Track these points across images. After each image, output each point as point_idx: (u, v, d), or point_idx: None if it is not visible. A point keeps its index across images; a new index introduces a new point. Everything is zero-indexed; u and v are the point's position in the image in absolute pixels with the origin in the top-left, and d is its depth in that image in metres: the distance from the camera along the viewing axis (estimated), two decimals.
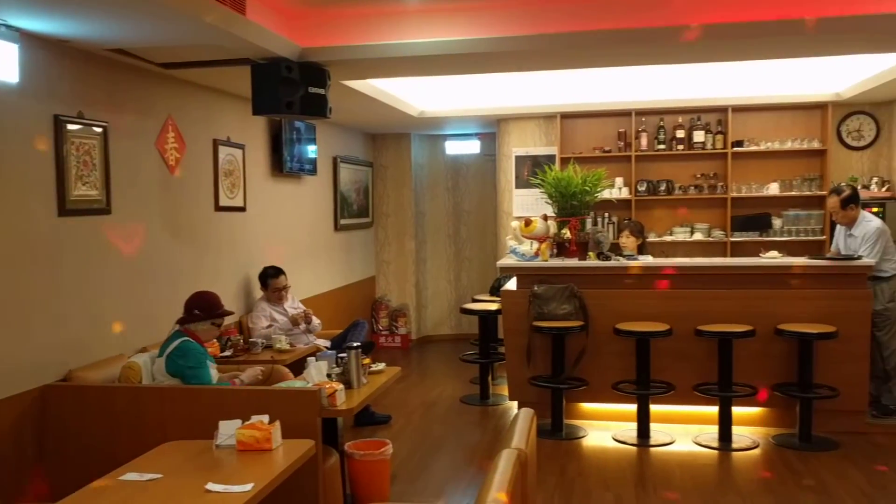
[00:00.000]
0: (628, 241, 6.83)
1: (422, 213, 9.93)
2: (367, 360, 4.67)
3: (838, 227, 6.28)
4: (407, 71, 5.72)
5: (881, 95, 7.18)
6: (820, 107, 7.64)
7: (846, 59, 6.04)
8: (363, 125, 8.85)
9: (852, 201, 6.01)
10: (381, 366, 4.83)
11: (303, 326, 6.18)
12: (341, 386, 4.14)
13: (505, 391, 6.63)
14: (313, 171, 7.60)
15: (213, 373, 4.38)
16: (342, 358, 4.49)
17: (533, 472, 2.92)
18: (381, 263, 9.81)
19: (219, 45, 4.29)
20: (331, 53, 4.83)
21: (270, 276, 6.27)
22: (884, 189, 7.36)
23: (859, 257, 5.83)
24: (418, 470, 5.20)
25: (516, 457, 2.47)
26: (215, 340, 5.21)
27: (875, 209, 7.12)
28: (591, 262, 6.13)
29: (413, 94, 7.54)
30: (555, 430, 5.91)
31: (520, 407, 6.37)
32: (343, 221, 8.61)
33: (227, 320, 5.96)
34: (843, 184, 6.26)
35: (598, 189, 6.37)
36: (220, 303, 4.57)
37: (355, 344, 4.55)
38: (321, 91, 4.92)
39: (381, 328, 9.59)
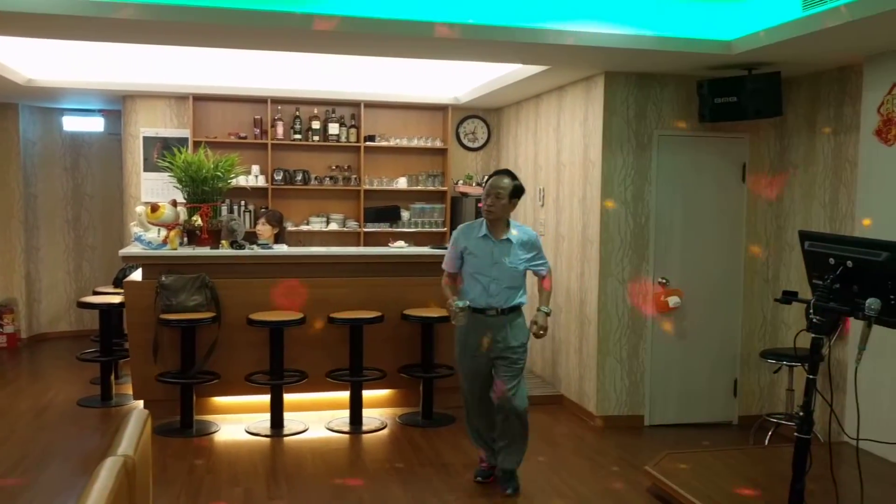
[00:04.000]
0: (264, 230, 6.75)
1: (33, 195, 8.79)
2: None
3: (471, 228, 4.52)
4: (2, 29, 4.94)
5: (491, 102, 7.99)
6: (441, 109, 8.26)
7: (464, 66, 6.59)
8: None
9: (516, 194, 4.43)
10: None
11: None
12: None
13: (130, 390, 6.13)
14: None
15: None
16: None
17: (145, 478, 2.69)
18: None
19: None
20: None
21: None
22: None
23: None
24: (21, 485, 4.57)
25: (122, 464, 2.24)
26: None
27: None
28: (224, 250, 5.92)
29: (19, 59, 6.60)
30: (185, 428, 5.62)
31: (146, 406, 5.95)
32: None
33: None
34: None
35: (231, 175, 6.18)
36: None
37: None
38: None
39: None
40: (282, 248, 6.21)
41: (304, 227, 7.99)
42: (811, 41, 4.50)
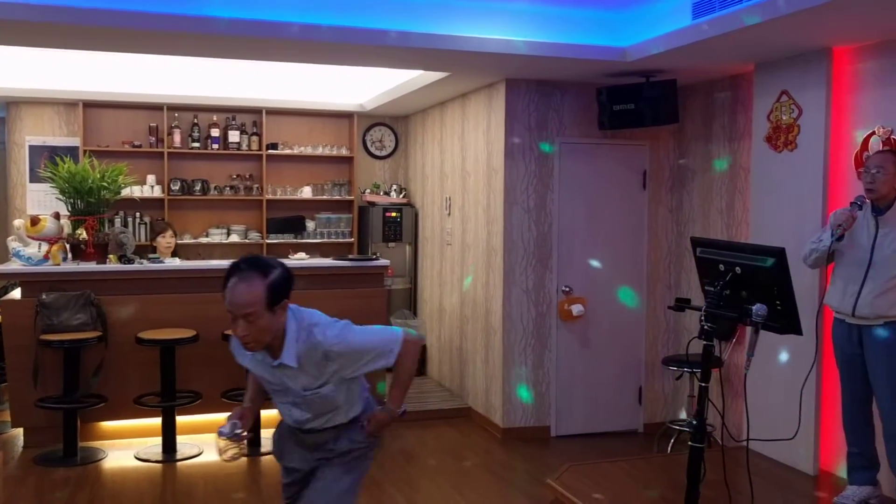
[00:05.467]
0: (173, 242, 6.46)
1: None
2: None
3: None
4: None
5: (397, 110, 7.86)
6: (347, 116, 8.08)
7: (368, 72, 6.43)
8: None
9: (281, 294, 2.53)
10: None
11: None
12: None
13: (10, 417, 5.72)
14: None
15: None
16: None
17: None
18: None
19: None
20: None
21: None
22: (401, 196, 8.07)
23: (375, 257, 6.26)
24: None
25: None
26: None
27: (394, 214, 7.77)
28: (112, 265, 5.62)
29: None
30: (68, 456, 5.26)
31: (27, 433, 5.57)
32: None
33: None
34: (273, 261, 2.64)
35: (119, 185, 5.86)
36: None
37: None
38: None
39: None
40: (174, 262, 5.91)
41: (204, 240, 7.67)
42: (701, 49, 4.53)
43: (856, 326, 4.14)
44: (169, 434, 5.40)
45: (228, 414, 2.79)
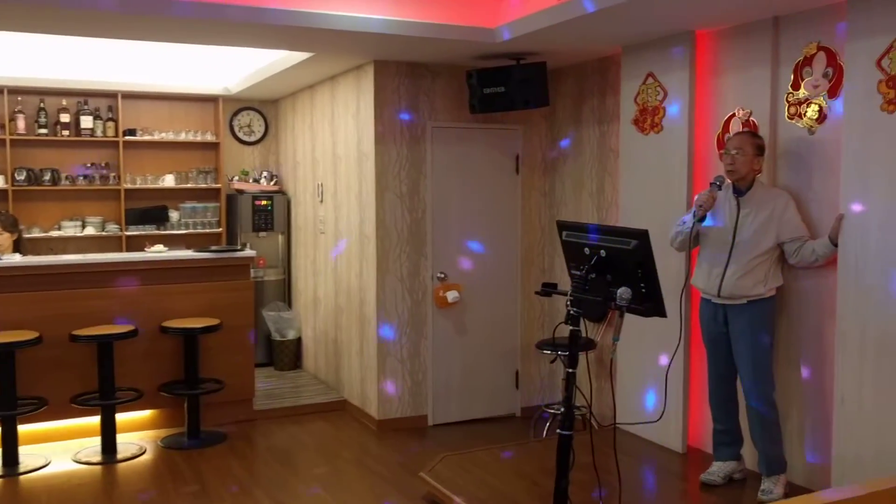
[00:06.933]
0: (3, 238, 5.90)
1: None
2: None
3: None
4: None
5: (266, 93, 7.50)
6: (212, 100, 7.66)
7: (234, 54, 6.07)
8: None
9: None
10: None
11: None
12: None
13: None
14: None
15: None
16: None
17: None
18: None
19: None
20: None
21: None
22: (272, 183, 7.74)
23: (241, 247, 5.94)
24: None
25: None
26: None
27: (265, 202, 7.44)
28: None
29: None
30: None
31: None
32: None
33: None
34: None
35: None
36: None
37: None
38: None
39: None
40: (13, 259, 5.39)
41: (56, 233, 7.10)
42: (568, 29, 4.46)
43: (721, 306, 4.20)
44: (10, 445, 4.93)
45: None
